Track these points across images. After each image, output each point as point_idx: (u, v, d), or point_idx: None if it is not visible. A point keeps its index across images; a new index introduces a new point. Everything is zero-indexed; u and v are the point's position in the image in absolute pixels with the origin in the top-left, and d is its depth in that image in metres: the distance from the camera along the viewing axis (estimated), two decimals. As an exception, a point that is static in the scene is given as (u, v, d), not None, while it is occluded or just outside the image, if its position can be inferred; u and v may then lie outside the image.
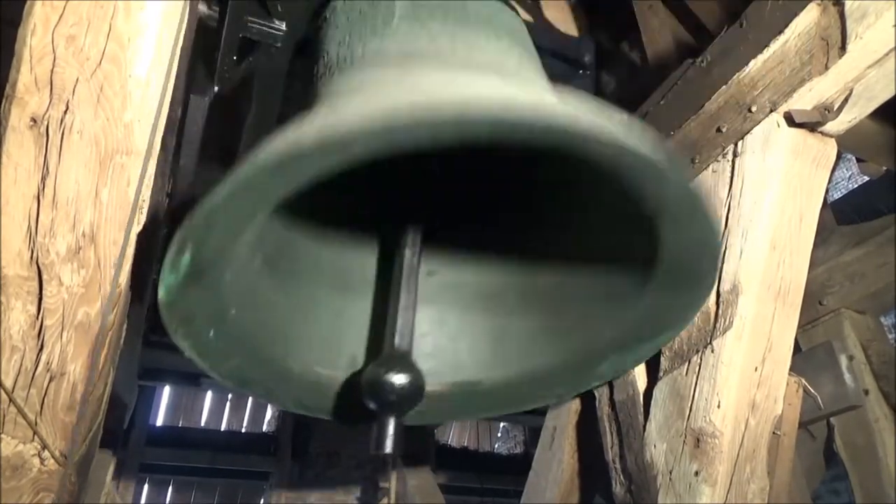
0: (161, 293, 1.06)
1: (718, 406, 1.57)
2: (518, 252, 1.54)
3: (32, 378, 1.22)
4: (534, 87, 1.28)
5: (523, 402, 1.55)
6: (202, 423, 6.71)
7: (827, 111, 1.54)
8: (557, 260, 1.48)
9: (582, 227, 1.41)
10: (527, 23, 1.58)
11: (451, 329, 1.51)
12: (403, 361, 1.19)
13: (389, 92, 1.06)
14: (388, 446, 1.16)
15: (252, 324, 1.27)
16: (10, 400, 1.20)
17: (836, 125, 1.59)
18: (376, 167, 1.02)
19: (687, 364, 1.66)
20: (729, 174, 1.67)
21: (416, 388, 1.17)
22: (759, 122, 1.61)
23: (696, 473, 1.58)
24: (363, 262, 1.55)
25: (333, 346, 1.44)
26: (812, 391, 1.87)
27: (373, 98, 1.03)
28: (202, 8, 1.64)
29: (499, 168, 1.46)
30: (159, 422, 6.34)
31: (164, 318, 1.11)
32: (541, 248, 1.51)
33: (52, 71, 1.15)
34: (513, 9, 1.50)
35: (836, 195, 3.82)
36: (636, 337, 1.40)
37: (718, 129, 1.69)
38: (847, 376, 1.97)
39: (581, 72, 2.24)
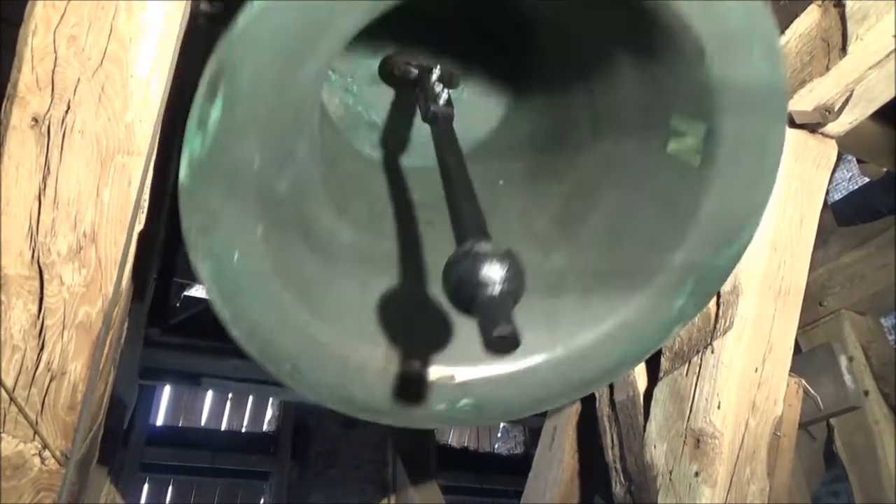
0: (183, 169, 0.94)
1: (719, 407, 1.57)
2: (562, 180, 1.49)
3: (33, 377, 1.22)
4: None
5: (593, 381, 1.41)
6: (202, 423, 6.71)
7: (827, 112, 1.54)
8: (607, 192, 1.41)
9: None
10: None
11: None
12: (489, 244, 0.96)
13: None
14: (504, 322, 0.86)
15: (279, 269, 1.12)
16: (11, 399, 1.20)
17: (837, 126, 1.59)
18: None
19: (687, 365, 1.67)
20: (729, 175, 1.67)
21: (516, 260, 0.94)
22: (760, 123, 1.61)
23: (697, 474, 1.58)
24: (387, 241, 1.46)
25: (367, 319, 1.28)
26: (812, 392, 1.87)
27: None
28: (204, 7, 1.64)
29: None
30: (159, 422, 6.34)
31: (182, 213, 0.99)
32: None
33: (53, 71, 1.15)
34: None
35: (837, 196, 3.81)
36: (709, 242, 1.29)
37: (719, 130, 1.69)
38: (847, 377, 1.97)
39: None
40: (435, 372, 1.27)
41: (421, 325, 1.29)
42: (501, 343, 0.85)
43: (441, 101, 1.38)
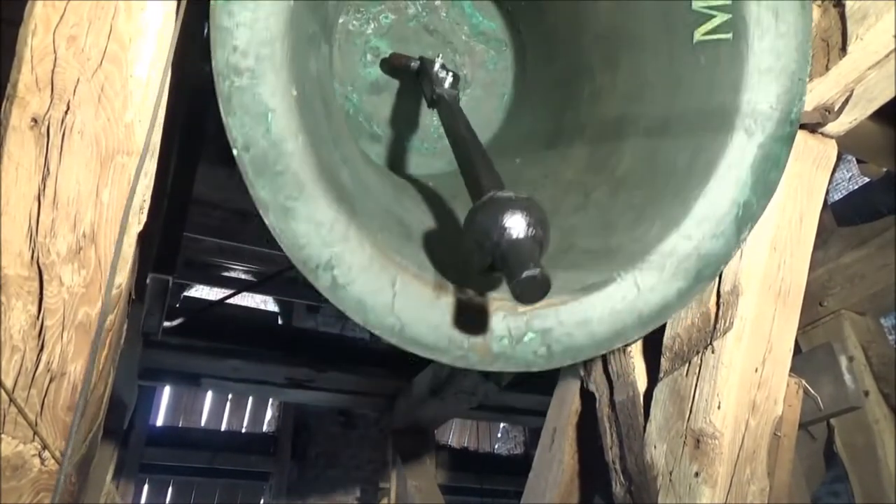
0: None
1: (719, 407, 1.57)
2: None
3: (33, 378, 1.22)
4: None
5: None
6: (202, 424, 6.71)
7: (827, 112, 1.54)
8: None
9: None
10: None
11: None
12: (509, 191, 0.95)
13: None
14: (533, 264, 0.84)
15: (313, 151, 1.03)
16: (11, 400, 1.20)
17: (837, 126, 1.59)
18: None
19: (687, 365, 1.66)
20: (729, 175, 1.67)
21: (537, 204, 0.92)
22: (760, 123, 1.61)
23: (697, 474, 1.58)
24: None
25: (408, 238, 1.21)
26: (812, 392, 1.87)
27: None
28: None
29: None
30: (159, 422, 6.34)
31: (214, 47, 0.94)
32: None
33: (52, 71, 1.15)
34: None
35: (837, 196, 3.81)
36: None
37: (719, 130, 1.70)
38: (847, 377, 1.97)
39: None
40: (494, 300, 1.15)
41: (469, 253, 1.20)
42: (531, 285, 0.82)
43: (446, 85, 1.37)
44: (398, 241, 1.16)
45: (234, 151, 0.99)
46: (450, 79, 1.39)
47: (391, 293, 1.09)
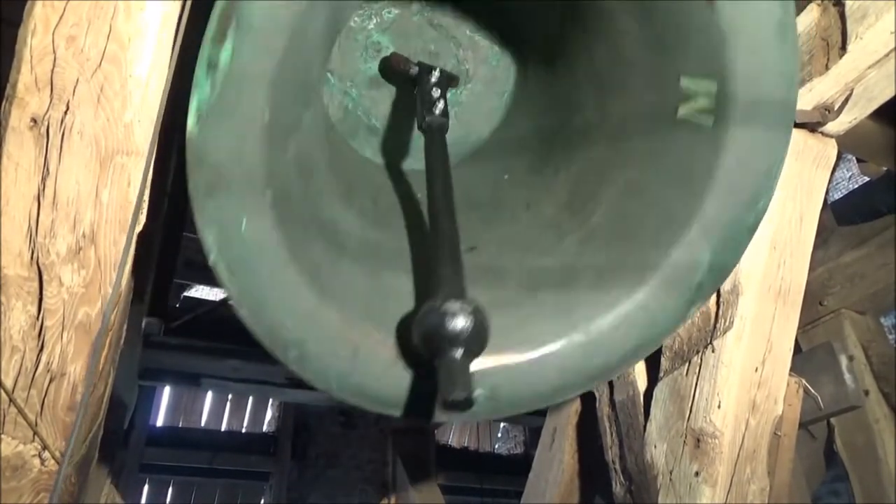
0: (190, 118, 0.92)
1: (719, 406, 1.57)
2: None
3: (33, 378, 1.22)
4: None
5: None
6: (202, 424, 6.71)
7: (827, 111, 1.54)
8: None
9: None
10: None
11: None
12: (457, 294, 0.99)
13: None
14: (460, 388, 0.90)
15: (287, 244, 1.08)
16: (11, 400, 1.20)
17: (837, 126, 1.59)
18: None
19: (687, 364, 1.67)
20: (729, 175, 1.67)
21: (482, 320, 0.96)
22: (760, 122, 1.61)
23: (697, 474, 1.58)
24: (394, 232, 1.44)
25: (374, 309, 1.25)
26: (812, 391, 1.87)
27: None
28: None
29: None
30: (159, 422, 6.34)
31: (189, 169, 0.96)
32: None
33: (52, 71, 1.15)
34: None
35: (837, 196, 3.81)
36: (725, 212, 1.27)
37: (719, 130, 1.69)
38: (847, 377, 1.97)
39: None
40: None
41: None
42: (454, 406, 0.87)
43: (437, 111, 1.37)
44: (365, 306, 1.21)
45: (210, 258, 1.04)
46: (441, 105, 1.39)
47: (354, 366, 1.16)
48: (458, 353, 0.93)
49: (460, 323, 0.94)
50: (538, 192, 1.53)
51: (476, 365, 1.20)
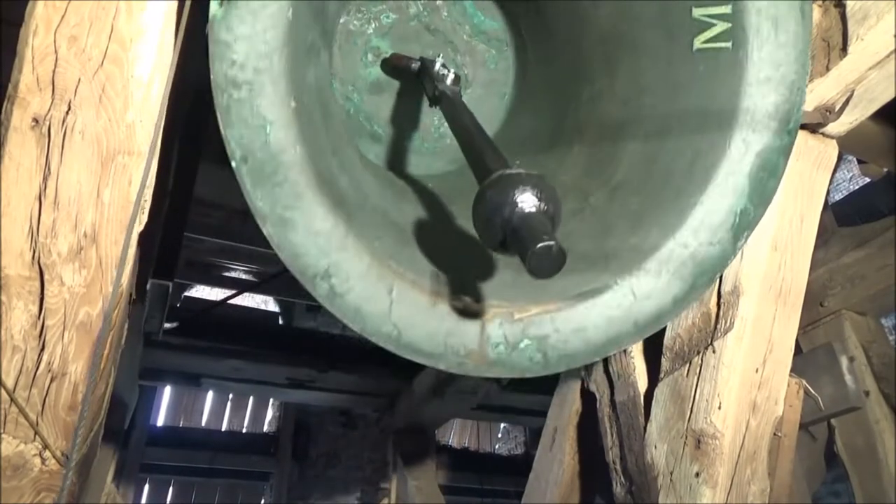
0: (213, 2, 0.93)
1: (719, 407, 1.57)
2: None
3: (34, 378, 1.22)
4: None
5: None
6: (203, 424, 6.71)
7: (828, 112, 1.54)
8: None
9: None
10: None
11: None
12: (518, 168, 0.94)
13: None
14: (549, 239, 0.83)
15: (311, 162, 1.04)
16: (12, 400, 1.20)
17: (838, 126, 1.59)
18: None
19: (688, 365, 1.66)
20: (730, 175, 1.67)
21: (551, 189, 0.91)
22: (761, 123, 1.61)
23: (697, 474, 1.58)
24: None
25: (405, 246, 1.22)
26: (813, 392, 1.87)
27: None
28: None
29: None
30: (160, 422, 6.34)
31: (212, 59, 0.95)
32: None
33: (53, 71, 1.15)
34: None
35: (837, 196, 3.81)
36: None
37: (719, 131, 1.69)
38: (848, 378, 1.97)
39: None
40: (490, 307, 1.16)
41: (467, 259, 1.21)
42: (545, 256, 0.81)
43: (448, 81, 1.37)
44: (396, 247, 1.17)
45: (233, 163, 0.99)
46: (451, 76, 1.39)
47: (388, 301, 1.10)
48: (535, 207, 0.87)
49: (529, 183, 0.88)
50: (552, 166, 1.52)
51: (520, 312, 1.15)
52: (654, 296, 1.24)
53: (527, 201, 0.88)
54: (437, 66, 1.43)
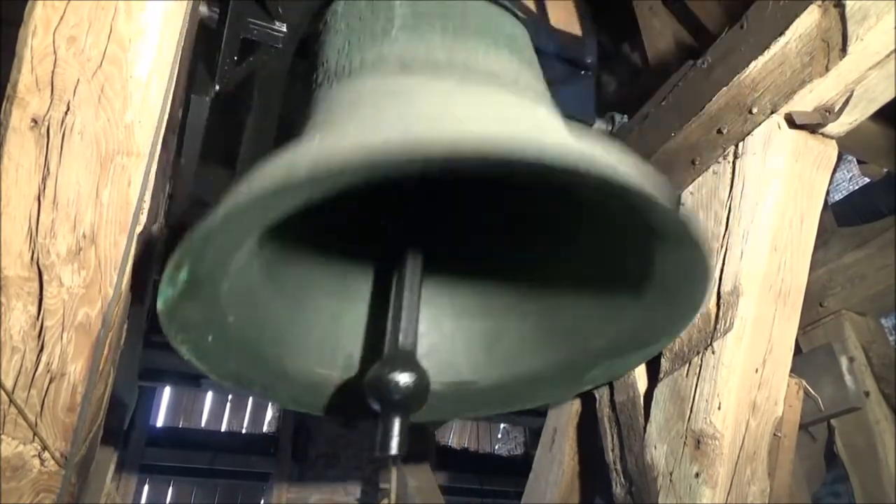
0: (160, 304, 1.08)
1: (719, 407, 1.57)
2: (515, 262, 1.55)
3: (33, 379, 1.22)
4: (529, 104, 1.27)
5: (516, 402, 1.57)
6: (202, 424, 6.71)
7: (828, 113, 1.54)
8: (554, 270, 1.48)
9: (579, 244, 1.42)
10: (529, 22, 1.57)
11: (447, 330, 1.52)
12: (408, 360, 1.18)
13: (383, 117, 1.08)
14: (394, 447, 1.10)
15: (250, 327, 1.28)
16: (11, 401, 1.20)
17: (837, 127, 1.59)
18: (373, 190, 1.03)
19: (687, 365, 1.66)
20: (730, 176, 1.67)
21: (422, 388, 1.14)
22: (760, 123, 1.61)
23: (697, 475, 1.57)
24: (362, 267, 1.56)
25: (331, 348, 1.45)
26: (812, 393, 1.87)
27: (366, 126, 1.05)
28: (203, 9, 1.64)
29: (493, 193, 1.47)
30: (160, 422, 6.34)
31: (163, 325, 1.12)
32: (537, 260, 1.52)
33: (52, 72, 1.15)
34: (514, 14, 1.50)
35: (837, 197, 3.81)
36: (628, 345, 1.40)
37: (719, 131, 1.69)
38: (848, 378, 1.97)
39: (583, 72, 2.24)
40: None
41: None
42: (382, 458, 1.01)
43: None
44: (320, 357, 1.45)
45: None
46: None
47: (306, 390, 1.46)
48: (396, 416, 1.11)
49: (403, 388, 1.12)
50: (515, 302, 1.61)
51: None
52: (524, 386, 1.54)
53: (393, 400, 1.13)
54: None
